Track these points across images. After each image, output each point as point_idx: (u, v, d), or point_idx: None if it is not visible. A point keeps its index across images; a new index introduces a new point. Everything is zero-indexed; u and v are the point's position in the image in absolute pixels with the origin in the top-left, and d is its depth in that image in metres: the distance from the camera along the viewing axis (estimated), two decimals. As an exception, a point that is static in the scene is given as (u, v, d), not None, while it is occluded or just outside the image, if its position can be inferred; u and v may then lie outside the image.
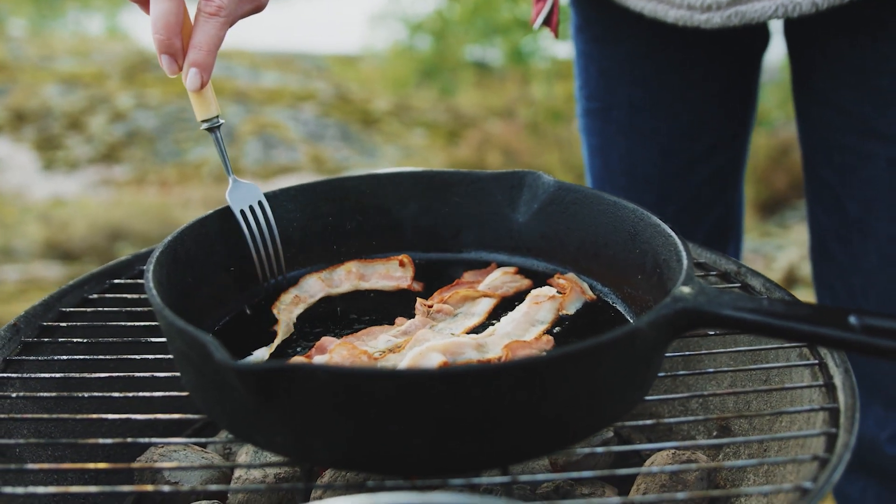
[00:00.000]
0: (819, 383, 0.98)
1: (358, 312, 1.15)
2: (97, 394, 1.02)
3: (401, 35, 9.52)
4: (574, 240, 1.18)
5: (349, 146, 6.90)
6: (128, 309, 1.21)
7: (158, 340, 1.13)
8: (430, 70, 8.92)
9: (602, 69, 1.68)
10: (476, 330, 1.08)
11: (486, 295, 1.14)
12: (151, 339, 1.14)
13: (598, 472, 0.87)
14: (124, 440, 0.90)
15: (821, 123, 1.49)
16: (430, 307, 1.12)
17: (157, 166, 6.30)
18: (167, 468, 1.02)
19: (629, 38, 1.62)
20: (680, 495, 0.83)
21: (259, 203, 1.16)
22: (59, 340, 1.13)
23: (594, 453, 1.10)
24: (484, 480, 0.84)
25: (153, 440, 0.92)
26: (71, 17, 11.86)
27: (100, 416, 0.95)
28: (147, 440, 0.92)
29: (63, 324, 1.17)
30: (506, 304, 1.13)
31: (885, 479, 1.61)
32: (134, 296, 1.24)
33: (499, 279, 1.18)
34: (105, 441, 0.89)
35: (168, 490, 0.88)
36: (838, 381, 0.96)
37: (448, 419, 0.74)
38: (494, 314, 1.11)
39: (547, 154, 6.03)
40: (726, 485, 1.10)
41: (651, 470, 0.89)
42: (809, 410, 0.95)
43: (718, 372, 1.03)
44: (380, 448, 0.77)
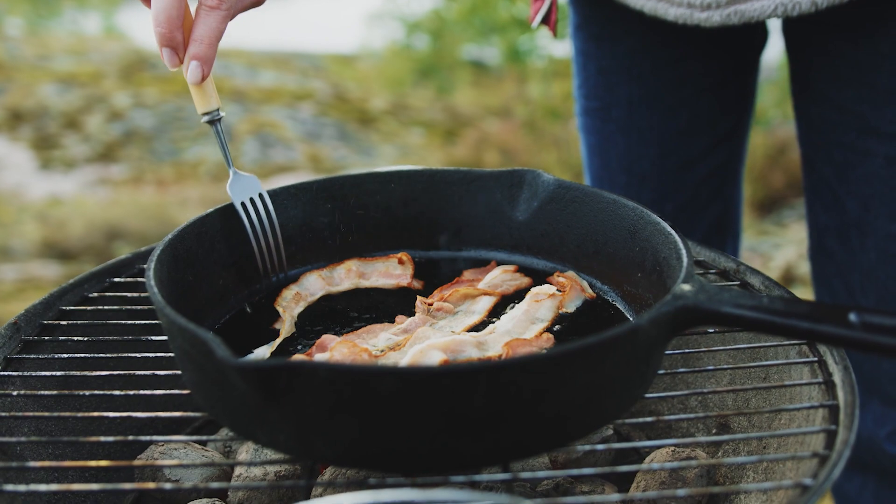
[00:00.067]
0: (818, 380, 0.98)
1: (358, 310, 1.15)
2: (98, 392, 1.02)
3: (398, 34, 9.51)
4: (574, 238, 1.18)
5: (347, 145, 6.89)
6: (128, 307, 1.21)
7: (158, 339, 1.13)
8: (428, 69, 8.92)
9: (601, 68, 1.68)
10: (476, 328, 1.08)
11: (486, 293, 1.14)
12: (151, 338, 1.14)
13: (599, 470, 0.87)
14: (125, 438, 0.90)
15: (819, 121, 1.49)
16: (431, 305, 1.12)
17: (155, 165, 6.29)
18: (168, 466, 1.02)
19: (628, 37, 1.62)
20: (680, 492, 0.83)
21: (260, 196, 1.17)
22: (60, 339, 1.13)
23: (594, 451, 1.10)
24: (485, 478, 0.84)
25: (154, 438, 0.92)
26: (67, 17, 11.81)
27: (100, 414, 0.95)
28: (148, 438, 0.92)
29: (63, 322, 1.17)
30: (506, 303, 1.14)
31: (883, 477, 1.62)
32: (134, 294, 1.24)
33: (499, 277, 1.18)
34: (106, 439, 0.89)
35: (169, 488, 0.88)
36: (838, 379, 0.97)
37: (450, 416, 0.74)
38: (494, 312, 1.12)
39: (544, 153, 6.03)
40: (725, 482, 1.10)
41: (651, 467, 0.89)
42: (809, 408, 0.95)
43: (718, 370, 1.03)
44: (381, 445, 0.77)
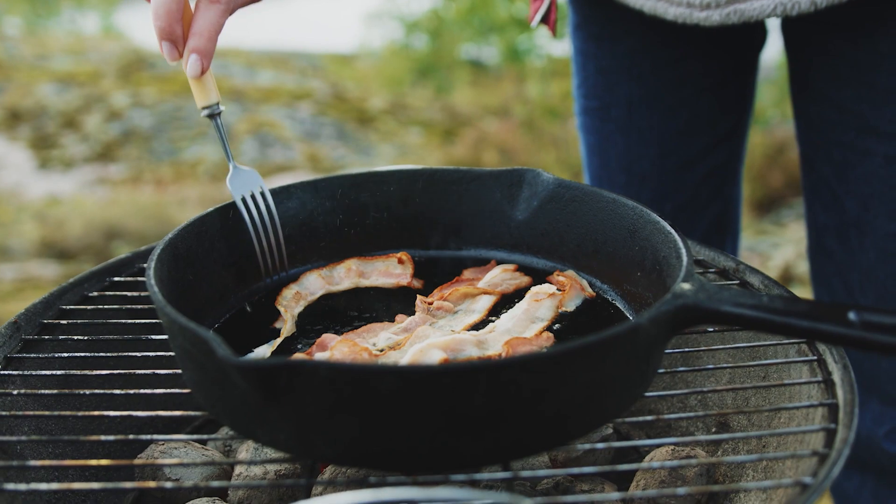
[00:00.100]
0: (818, 379, 0.98)
1: (358, 310, 1.15)
2: (98, 391, 1.02)
3: (397, 34, 9.52)
4: (573, 237, 1.18)
5: (345, 145, 6.89)
6: (128, 306, 1.21)
7: (158, 338, 1.13)
8: (426, 69, 8.93)
9: (600, 67, 1.68)
10: (476, 327, 1.08)
11: (486, 292, 1.14)
12: (152, 337, 1.14)
13: (599, 468, 0.87)
14: (126, 437, 0.90)
15: (819, 121, 1.49)
16: (431, 304, 1.12)
17: (153, 165, 6.29)
18: (168, 465, 1.02)
19: (628, 36, 1.63)
20: (680, 491, 0.83)
21: (260, 190, 1.17)
22: (60, 338, 1.13)
23: (594, 449, 1.10)
24: (485, 476, 0.84)
25: (154, 437, 0.92)
26: (66, 16, 11.81)
27: (101, 413, 0.95)
28: (148, 437, 0.92)
29: (63, 321, 1.17)
30: (505, 302, 1.14)
31: (882, 475, 1.62)
32: (134, 293, 1.24)
33: (498, 276, 1.18)
34: (106, 438, 0.89)
35: (170, 487, 0.88)
36: (837, 378, 0.97)
37: (450, 415, 0.75)
38: (494, 311, 1.12)
39: (543, 153, 6.04)
40: (725, 481, 1.10)
41: (651, 466, 0.89)
42: (808, 406, 0.95)
43: (717, 368, 1.03)
44: (382, 444, 0.77)
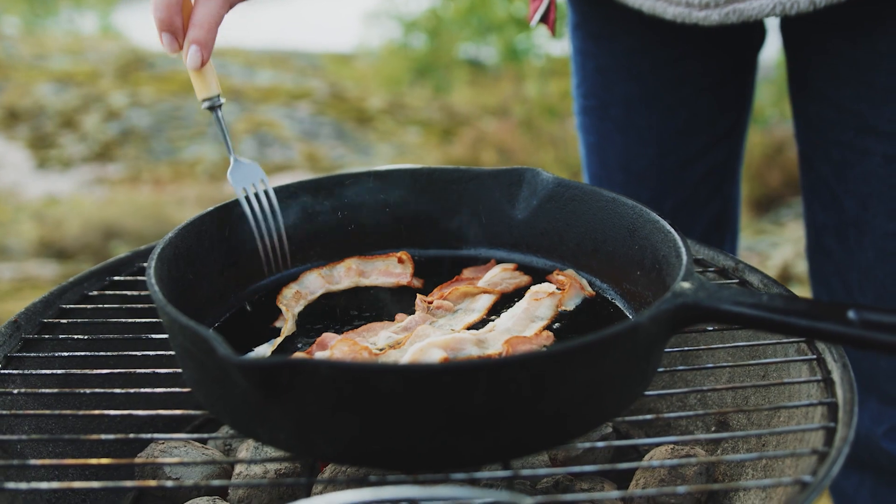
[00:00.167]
0: (817, 378, 0.98)
1: (358, 309, 1.15)
2: (98, 390, 1.02)
3: (395, 33, 9.51)
4: (573, 236, 1.19)
5: (344, 144, 6.89)
6: (127, 306, 1.21)
7: (158, 337, 1.13)
8: (425, 68, 8.92)
9: (599, 66, 1.68)
10: (476, 326, 1.08)
11: (486, 291, 1.14)
12: (152, 336, 1.14)
13: (598, 467, 0.87)
14: (126, 436, 0.90)
15: (817, 120, 1.49)
16: (430, 303, 1.12)
17: (151, 164, 6.28)
18: (168, 464, 1.02)
19: (627, 36, 1.63)
20: (680, 489, 0.84)
21: (262, 184, 1.15)
22: (60, 337, 1.13)
23: (594, 448, 1.11)
24: (485, 475, 0.84)
25: (155, 436, 0.92)
26: (64, 16, 11.79)
27: (101, 412, 0.95)
28: (149, 436, 0.92)
29: (63, 320, 1.17)
30: (505, 301, 1.14)
31: (881, 474, 1.62)
32: (133, 293, 1.24)
33: (498, 275, 1.18)
34: (107, 437, 0.89)
35: (171, 486, 0.88)
36: (836, 376, 0.97)
37: (450, 414, 0.75)
38: (494, 310, 1.12)
39: (542, 152, 6.04)
40: (725, 480, 1.11)
41: (651, 464, 0.89)
42: (808, 405, 0.95)
43: (717, 367, 1.03)
44: (382, 443, 0.77)
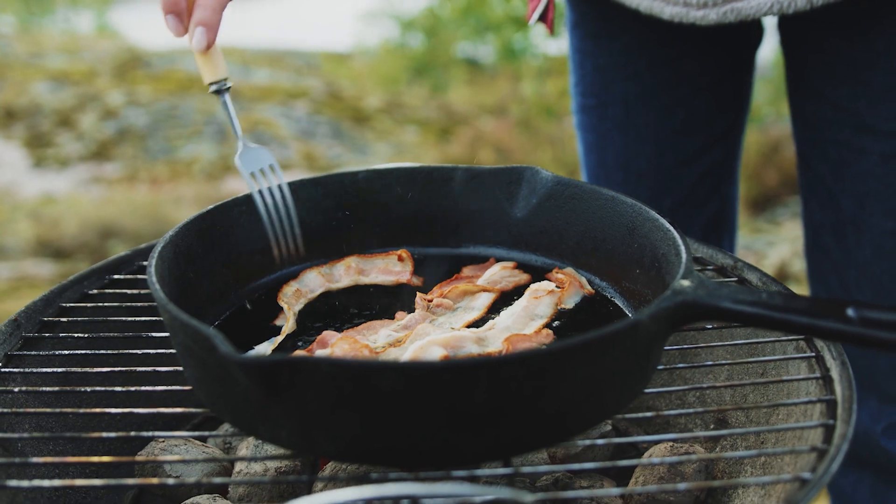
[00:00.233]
0: (816, 376, 0.99)
1: (358, 307, 1.15)
2: (98, 388, 1.02)
3: (392, 32, 9.51)
4: (572, 234, 1.19)
5: (341, 143, 6.88)
6: (127, 304, 1.21)
7: (158, 335, 1.13)
8: (422, 67, 8.92)
9: (597, 65, 1.68)
10: (476, 324, 1.08)
11: (486, 289, 1.14)
12: (152, 334, 1.14)
13: (598, 465, 0.87)
14: (127, 434, 0.90)
15: (815, 119, 1.50)
16: (430, 301, 1.12)
17: (149, 164, 6.27)
18: (169, 462, 1.02)
19: (624, 35, 1.63)
20: (680, 486, 0.84)
21: (271, 168, 1.14)
22: (60, 335, 1.13)
23: (593, 446, 1.11)
24: (486, 472, 0.84)
25: (155, 434, 0.92)
26: (60, 15, 11.77)
27: (102, 411, 0.95)
28: (150, 434, 0.92)
29: (64, 319, 1.17)
30: (505, 299, 1.14)
31: (879, 472, 1.62)
32: (133, 291, 1.24)
33: (498, 274, 1.18)
34: (108, 435, 0.89)
35: (172, 483, 0.89)
36: (835, 374, 0.97)
37: (451, 412, 0.75)
38: (494, 308, 1.12)
39: (539, 151, 6.04)
40: (724, 477, 1.11)
41: (651, 462, 0.89)
42: (807, 402, 0.95)
43: (716, 365, 1.04)
44: (383, 440, 0.77)
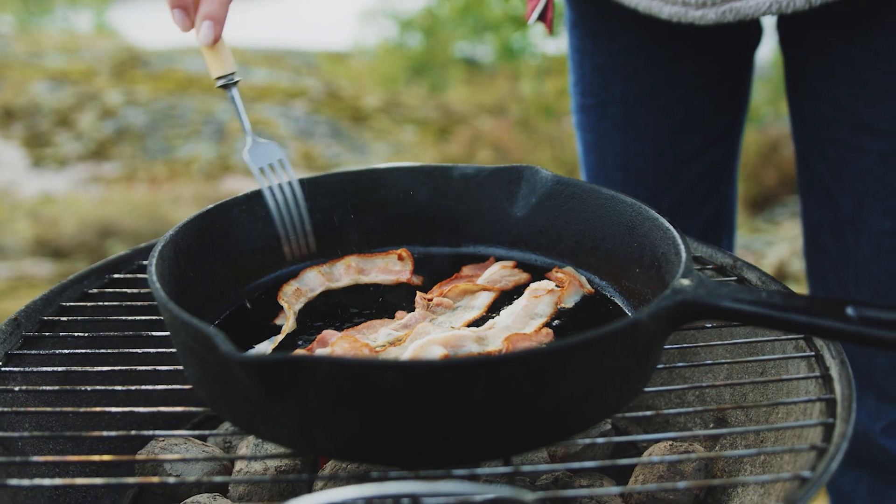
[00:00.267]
0: (815, 374, 0.99)
1: (358, 306, 1.15)
2: (99, 387, 1.02)
3: (391, 32, 9.51)
4: (572, 234, 1.19)
5: (339, 143, 6.88)
6: (127, 303, 1.21)
7: (158, 334, 1.13)
8: (421, 67, 8.92)
9: (597, 65, 1.68)
10: (476, 323, 1.08)
11: (485, 289, 1.15)
12: (152, 333, 1.14)
13: (599, 463, 0.88)
14: (127, 433, 0.90)
15: (814, 119, 1.50)
16: (430, 301, 1.12)
17: (147, 163, 6.27)
18: (170, 461, 1.02)
19: (623, 34, 1.63)
20: (679, 485, 0.84)
21: (280, 164, 1.14)
22: (60, 335, 1.13)
23: (593, 444, 1.11)
24: (486, 471, 0.85)
25: (156, 433, 0.92)
26: (59, 14, 11.76)
27: (102, 410, 0.95)
28: (150, 433, 0.92)
29: (64, 318, 1.17)
30: (505, 298, 1.14)
31: (878, 471, 1.63)
32: (133, 290, 1.24)
33: (497, 273, 1.18)
34: (108, 434, 0.90)
35: (173, 482, 0.89)
36: (835, 373, 0.97)
37: (451, 410, 0.75)
38: (494, 308, 1.12)
39: (538, 150, 6.04)
40: (723, 475, 1.11)
41: (651, 460, 0.89)
42: (806, 401, 0.96)
43: (715, 364, 1.04)
44: (384, 439, 0.78)
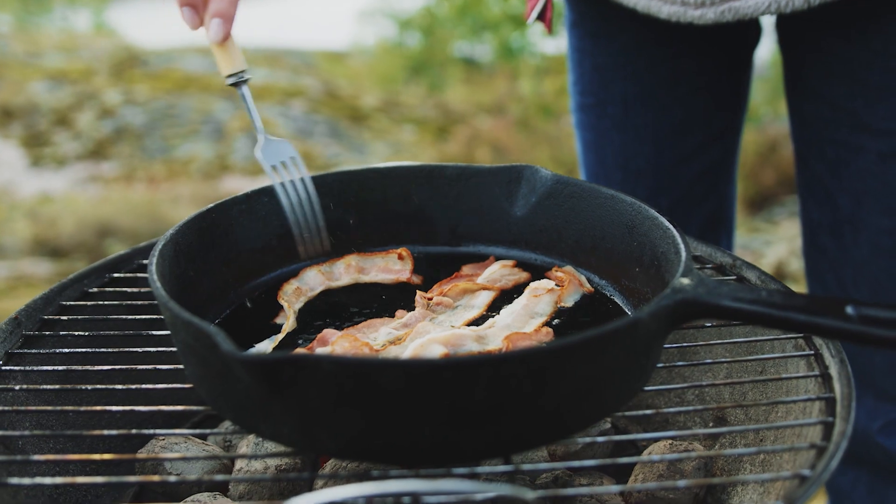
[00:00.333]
0: (815, 373, 0.99)
1: (358, 305, 1.15)
2: (99, 386, 1.02)
3: (389, 31, 9.51)
4: (572, 233, 1.19)
5: (338, 142, 6.88)
6: (128, 302, 1.21)
7: (159, 333, 1.13)
8: (419, 66, 8.92)
9: (596, 64, 1.69)
10: (476, 322, 1.08)
11: (485, 288, 1.15)
12: (152, 332, 1.14)
13: (599, 462, 0.88)
14: (128, 432, 0.91)
15: (813, 118, 1.50)
16: (430, 300, 1.12)
17: (146, 163, 6.27)
18: (170, 459, 1.02)
19: (622, 34, 1.63)
20: (679, 483, 0.84)
21: (293, 161, 1.14)
22: (61, 334, 1.13)
23: (593, 443, 1.11)
24: (486, 469, 0.85)
25: (156, 432, 0.92)
26: (57, 13, 11.76)
27: (102, 408, 0.95)
28: (150, 432, 0.92)
29: (64, 317, 1.17)
30: (505, 297, 1.14)
31: (877, 470, 1.63)
32: (133, 289, 1.24)
33: (497, 272, 1.18)
34: (109, 432, 0.90)
35: (174, 480, 0.89)
36: (834, 372, 0.98)
37: (451, 409, 0.75)
38: (494, 307, 1.12)
39: (537, 150, 6.04)
40: (723, 474, 1.11)
41: (651, 459, 0.90)
42: (805, 400, 0.96)
43: (715, 363, 1.04)
44: (384, 438, 0.78)
